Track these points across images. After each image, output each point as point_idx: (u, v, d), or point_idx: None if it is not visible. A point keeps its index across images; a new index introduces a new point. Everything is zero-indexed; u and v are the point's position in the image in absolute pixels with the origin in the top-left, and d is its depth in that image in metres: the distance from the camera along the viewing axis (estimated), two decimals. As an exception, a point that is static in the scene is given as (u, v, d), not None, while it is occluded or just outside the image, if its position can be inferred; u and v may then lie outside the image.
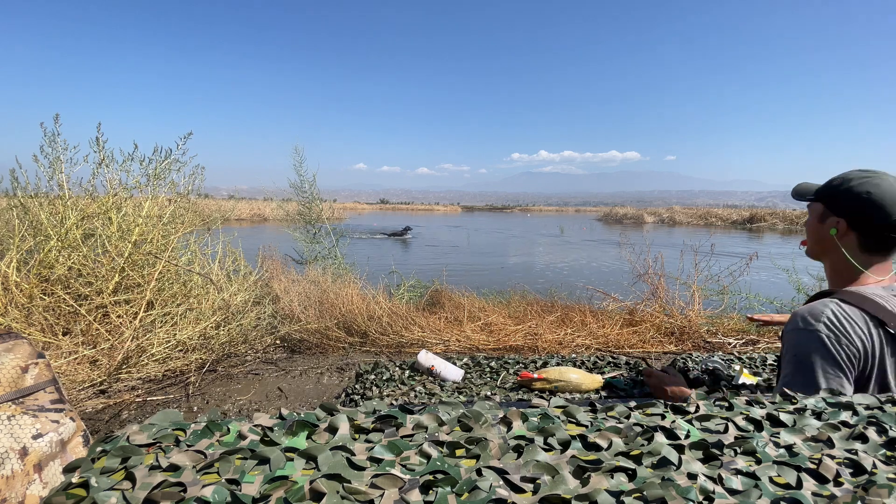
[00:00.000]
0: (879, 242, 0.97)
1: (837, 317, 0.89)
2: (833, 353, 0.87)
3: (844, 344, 0.87)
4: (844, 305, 0.91)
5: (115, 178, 3.20)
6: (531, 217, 62.18)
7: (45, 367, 1.22)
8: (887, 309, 0.89)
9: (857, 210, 0.97)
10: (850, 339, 0.87)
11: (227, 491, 0.38)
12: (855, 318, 0.89)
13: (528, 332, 3.68)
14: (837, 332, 0.88)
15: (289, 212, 6.55)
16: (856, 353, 0.87)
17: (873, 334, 0.88)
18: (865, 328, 0.88)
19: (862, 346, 0.87)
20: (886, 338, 0.88)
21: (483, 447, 0.46)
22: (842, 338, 0.87)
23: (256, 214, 30.09)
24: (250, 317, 3.40)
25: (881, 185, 0.94)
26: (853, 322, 0.88)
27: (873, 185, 0.94)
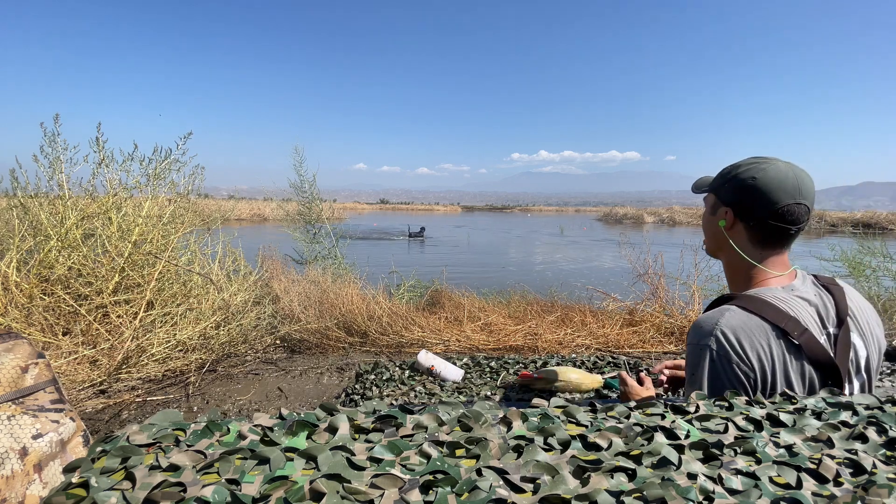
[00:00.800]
0: (768, 233, 0.87)
1: (733, 330, 0.79)
2: (720, 374, 0.79)
3: (735, 363, 0.78)
4: (742, 315, 0.81)
5: (115, 178, 3.20)
6: (531, 217, 62.16)
7: (45, 367, 1.22)
8: (789, 315, 0.80)
9: (742, 197, 0.88)
10: (744, 357, 0.78)
11: (227, 491, 0.38)
12: (753, 329, 0.79)
13: (528, 332, 3.68)
14: (729, 350, 0.79)
15: (289, 212, 6.55)
16: (749, 373, 0.78)
17: (773, 347, 0.78)
18: (765, 342, 0.78)
19: (759, 363, 0.78)
20: (789, 348, 0.78)
21: (483, 447, 0.46)
22: (733, 356, 0.78)
23: (256, 214, 30.10)
24: (250, 317, 3.39)
25: (768, 170, 0.85)
26: (751, 335, 0.79)
27: (760, 170, 0.86)
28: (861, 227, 25.55)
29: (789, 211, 0.84)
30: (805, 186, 0.84)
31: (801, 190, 0.84)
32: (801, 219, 0.85)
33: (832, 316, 0.84)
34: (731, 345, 0.79)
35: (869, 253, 4.56)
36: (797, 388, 0.79)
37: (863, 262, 4.48)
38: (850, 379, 0.83)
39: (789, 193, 0.83)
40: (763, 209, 0.85)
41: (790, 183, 0.84)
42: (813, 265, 4.76)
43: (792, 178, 0.84)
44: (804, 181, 0.85)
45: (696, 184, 1.03)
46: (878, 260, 4.47)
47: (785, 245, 0.89)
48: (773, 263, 0.89)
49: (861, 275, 4.37)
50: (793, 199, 0.83)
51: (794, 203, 0.83)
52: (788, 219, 0.85)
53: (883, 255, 4.48)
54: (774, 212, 0.84)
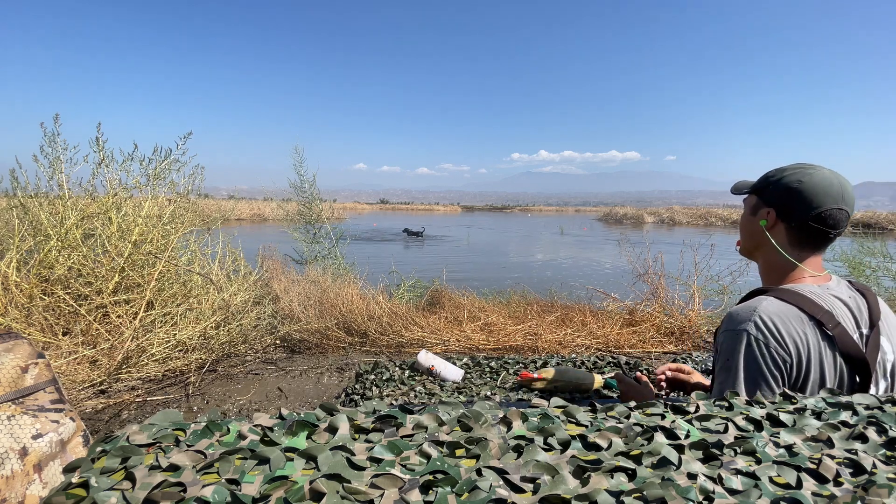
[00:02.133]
0: (808, 235, 0.91)
1: (770, 316, 0.82)
2: (758, 357, 0.81)
3: (773, 347, 0.80)
4: (779, 303, 0.84)
5: (114, 178, 3.20)
6: (531, 217, 62.20)
7: (45, 367, 1.22)
8: (824, 309, 0.83)
9: (787, 199, 0.91)
10: (782, 342, 0.80)
11: (227, 491, 0.38)
12: (791, 317, 0.82)
13: (528, 332, 3.68)
14: (767, 334, 0.81)
15: (289, 212, 6.55)
16: (786, 358, 0.80)
17: (809, 335, 0.81)
18: (801, 329, 0.81)
19: (795, 349, 0.80)
20: (823, 338, 0.81)
21: (483, 447, 0.46)
22: (771, 340, 0.81)
23: (256, 214, 30.10)
24: (250, 317, 3.39)
25: (814, 175, 0.89)
26: (788, 322, 0.82)
27: (806, 174, 0.90)
28: (861, 227, 25.59)
29: (831, 215, 0.88)
30: (847, 194, 0.88)
31: (843, 196, 0.88)
32: (841, 224, 0.89)
33: (865, 318, 0.87)
34: (769, 329, 0.81)
35: (869, 253, 4.56)
36: (829, 379, 0.81)
37: (863, 263, 4.48)
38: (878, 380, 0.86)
39: (833, 198, 0.87)
40: (806, 211, 0.89)
41: (835, 189, 0.87)
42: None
43: (837, 184, 0.88)
44: (847, 189, 0.89)
45: (735, 186, 1.06)
46: (879, 260, 4.47)
47: (821, 248, 0.93)
48: (809, 264, 0.93)
49: (861, 275, 4.37)
50: (836, 205, 0.87)
51: (837, 208, 0.87)
52: (829, 223, 0.88)
53: (883, 255, 4.48)
54: (817, 215, 0.88)
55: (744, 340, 0.83)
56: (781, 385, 0.81)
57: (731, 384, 0.84)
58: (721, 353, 0.87)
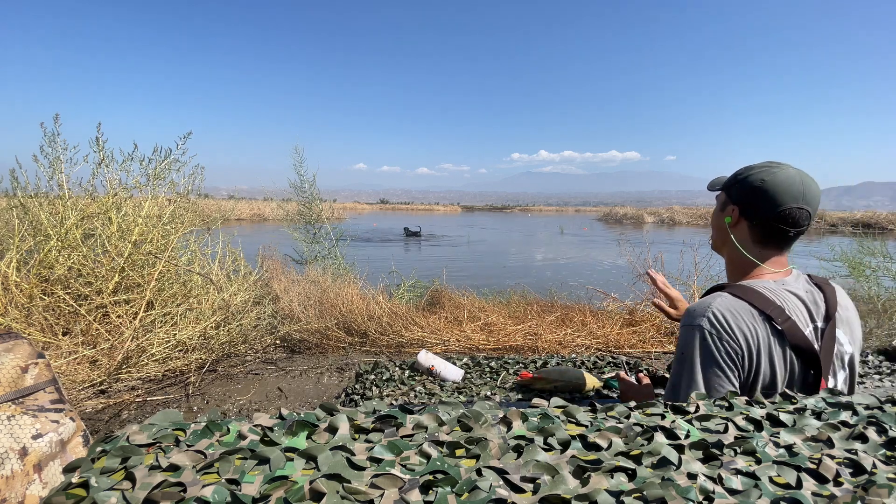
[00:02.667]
0: (769, 234, 0.93)
1: (722, 312, 0.85)
2: (713, 350, 0.84)
3: (725, 341, 0.84)
4: (732, 299, 0.87)
5: (114, 178, 3.20)
6: (531, 217, 62.18)
7: (45, 367, 1.22)
8: (775, 304, 0.86)
9: (750, 198, 0.94)
10: (732, 335, 0.84)
11: (227, 491, 0.38)
12: (742, 312, 0.85)
13: (528, 332, 3.68)
14: (720, 329, 0.84)
15: (289, 212, 6.55)
16: (738, 351, 0.84)
17: (758, 330, 0.84)
18: (751, 323, 0.84)
19: (745, 342, 0.84)
20: (773, 333, 0.84)
21: (483, 447, 0.46)
22: (724, 334, 0.84)
23: (256, 214, 30.09)
24: (250, 317, 3.39)
25: (777, 174, 0.90)
26: (738, 316, 0.85)
27: (770, 173, 0.91)
28: (861, 227, 25.57)
29: (791, 214, 0.89)
30: (810, 193, 0.89)
31: (805, 195, 0.89)
32: (802, 223, 0.91)
33: (822, 311, 0.90)
34: (720, 324, 0.85)
35: (869, 253, 4.56)
36: (779, 372, 0.85)
37: (863, 263, 4.48)
38: (836, 371, 0.90)
39: (794, 197, 0.88)
40: (767, 210, 0.91)
41: (796, 188, 0.89)
42: (813, 265, 4.76)
43: (798, 183, 0.89)
44: (810, 188, 0.90)
45: (711, 182, 1.08)
46: (878, 260, 4.47)
47: (784, 246, 0.95)
48: (771, 263, 0.95)
49: (861, 275, 4.37)
50: (795, 204, 0.89)
51: (797, 207, 0.89)
52: (789, 221, 0.90)
53: (883, 255, 4.47)
54: (777, 214, 0.90)
55: (698, 335, 0.86)
56: (735, 377, 0.85)
57: (688, 376, 0.87)
58: (678, 347, 0.91)
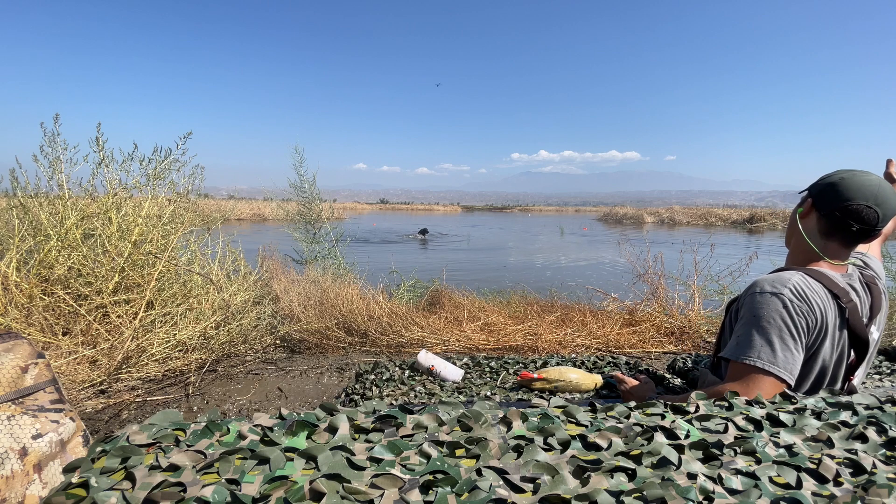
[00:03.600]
0: (834, 225, 0.99)
1: (802, 287, 0.93)
2: (794, 318, 0.91)
3: (805, 311, 0.91)
4: (809, 278, 0.95)
5: (114, 177, 3.20)
6: (531, 217, 62.20)
7: (45, 367, 1.22)
8: (841, 286, 0.95)
9: (825, 191, 1.00)
10: (812, 308, 0.91)
11: (227, 491, 0.38)
12: (816, 289, 0.94)
13: (527, 332, 3.68)
14: (800, 299, 0.92)
15: (288, 212, 6.55)
16: (813, 323, 0.92)
17: (829, 307, 0.92)
18: (825, 300, 0.93)
19: (821, 315, 0.92)
20: (839, 312, 0.93)
21: (483, 447, 0.46)
22: (804, 305, 0.91)
23: (256, 214, 30.09)
24: (250, 317, 3.39)
25: (858, 175, 0.97)
26: (815, 292, 0.93)
27: (851, 173, 0.98)
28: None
29: (857, 210, 0.95)
30: (884, 196, 0.94)
31: (877, 197, 0.94)
32: (868, 221, 0.95)
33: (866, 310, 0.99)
34: (801, 295, 0.92)
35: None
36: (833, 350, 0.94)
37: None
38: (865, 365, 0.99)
39: (864, 196, 0.94)
40: (836, 202, 0.97)
41: (870, 189, 0.94)
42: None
43: (875, 186, 0.95)
44: (886, 193, 0.95)
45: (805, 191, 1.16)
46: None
47: (847, 241, 1.00)
48: (833, 254, 1.01)
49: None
50: (865, 202, 0.94)
51: (866, 205, 0.94)
52: (854, 216, 0.95)
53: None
54: (844, 207, 0.96)
55: (780, 302, 0.92)
56: (802, 346, 0.92)
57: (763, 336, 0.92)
58: (748, 311, 0.96)
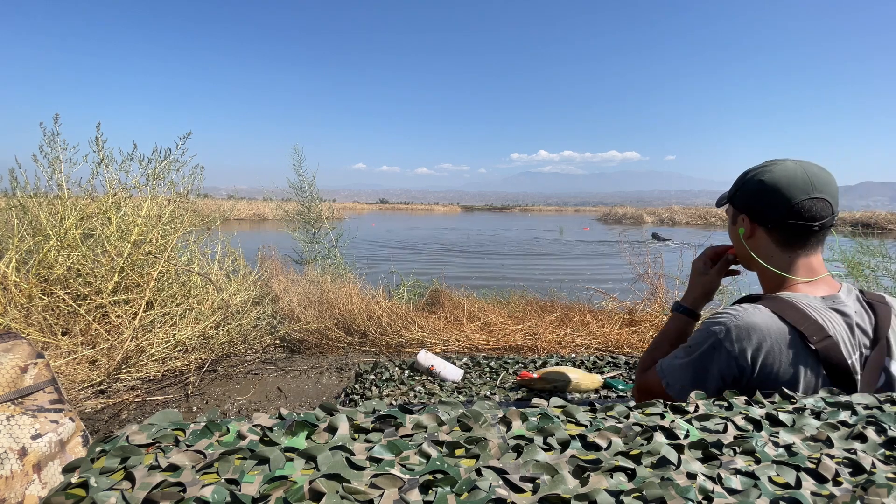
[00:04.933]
0: (790, 234, 0.84)
1: (744, 329, 0.78)
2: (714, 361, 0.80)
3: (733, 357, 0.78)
4: (766, 315, 0.79)
5: (114, 177, 3.20)
6: (531, 217, 62.20)
7: (45, 368, 1.22)
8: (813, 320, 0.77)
9: (755, 201, 0.87)
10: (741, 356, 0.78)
11: (227, 491, 0.38)
12: (769, 330, 0.77)
13: (527, 331, 3.68)
14: (732, 344, 0.78)
15: (288, 212, 6.55)
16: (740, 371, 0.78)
17: (784, 350, 0.76)
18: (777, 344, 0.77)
19: (752, 363, 0.77)
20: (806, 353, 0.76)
21: (482, 447, 0.46)
22: (735, 350, 0.78)
23: (256, 214, 30.11)
24: (250, 317, 3.39)
25: (774, 170, 0.84)
26: (763, 336, 0.77)
27: (766, 171, 0.85)
28: (860, 226, 25.62)
29: (805, 207, 0.81)
30: (819, 180, 0.82)
31: (813, 184, 0.81)
32: (823, 214, 0.82)
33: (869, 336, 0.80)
34: (733, 341, 0.78)
35: (868, 252, 4.56)
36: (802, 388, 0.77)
37: (861, 262, 4.48)
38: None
39: (801, 189, 0.81)
40: (777, 209, 0.83)
41: (799, 179, 0.82)
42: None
43: (801, 174, 0.82)
44: (817, 176, 0.82)
45: (718, 199, 1.00)
46: (877, 260, 4.47)
47: (811, 245, 0.85)
48: (804, 267, 0.86)
49: (860, 275, 4.37)
50: (806, 195, 0.81)
51: (809, 198, 0.81)
52: (807, 215, 0.82)
53: (882, 254, 4.48)
54: (789, 210, 0.82)
55: (710, 341, 0.81)
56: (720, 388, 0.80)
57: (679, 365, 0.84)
58: (692, 337, 0.86)
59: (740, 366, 0.78)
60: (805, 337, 0.76)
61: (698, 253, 1.15)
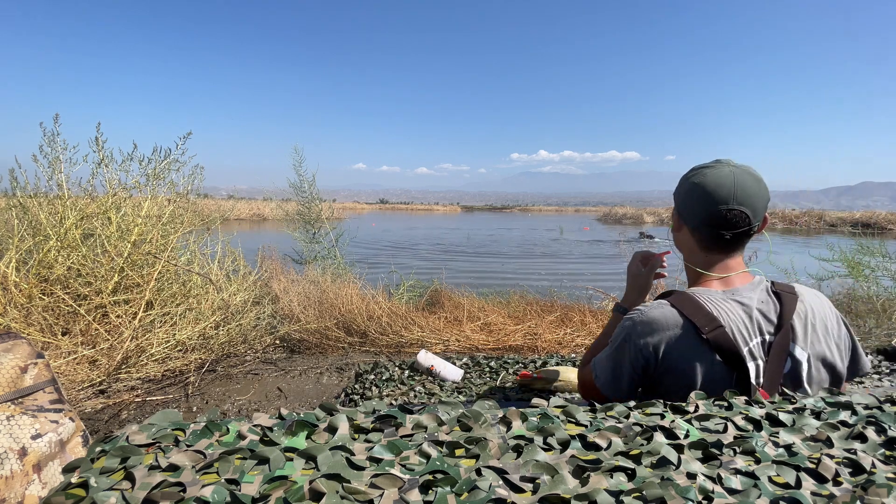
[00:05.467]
0: (706, 238, 0.89)
1: (647, 320, 0.85)
2: (627, 349, 0.87)
3: (639, 347, 0.85)
4: (665, 309, 0.86)
5: (114, 177, 3.20)
6: (531, 217, 62.17)
7: (45, 368, 1.22)
8: (707, 313, 0.83)
9: (684, 202, 0.91)
10: (646, 343, 0.84)
11: (227, 491, 0.38)
12: (666, 322, 0.84)
13: (527, 331, 3.68)
14: (639, 333, 0.85)
15: (288, 212, 6.55)
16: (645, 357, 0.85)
17: (680, 339, 0.82)
18: (671, 334, 0.83)
19: (654, 351, 0.84)
20: (699, 342, 0.82)
21: (482, 447, 0.46)
22: (639, 341, 0.85)
23: (256, 214, 30.12)
24: (250, 317, 3.39)
25: (708, 175, 0.86)
26: (660, 325, 0.84)
27: (701, 174, 0.87)
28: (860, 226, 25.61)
29: (720, 216, 0.84)
30: (743, 192, 0.84)
31: (736, 196, 0.83)
32: (738, 224, 0.85)
33: (773, 321, 0.84)
34: (639, 330, 0.86)
35: (867, 252, 4.56)
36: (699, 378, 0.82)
37: (861, 262, 4.48)
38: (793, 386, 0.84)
39: (722, 199, 0.84)
40: (698, 214, 0.88)
41: (725, 189, 0.84)
42: (812, 265, 4.76)
43: (729, 184, 0.84)
44: (745, 187, 0.84)
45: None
46: (877, 260, 4.47)
47: (728, 249, 0.89)
48: (719, 266, 0.90)
49: (860, 275, 4.37)
50: (725, 205, 0.84)
51: (727, 209, 0.84)
52: (721, 224, 0.85)
53: (882, 254, 4.47)
54: (706, 217, 0.86)
55: (622, 335, 0.88)
56: (634, 377, 0.88)
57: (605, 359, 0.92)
58: (613, 333, 0.93)
59: (645, 356, 0.85)
60: (697, 328, 0.82)
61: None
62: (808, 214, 33.31)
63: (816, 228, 28.89)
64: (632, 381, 0.88)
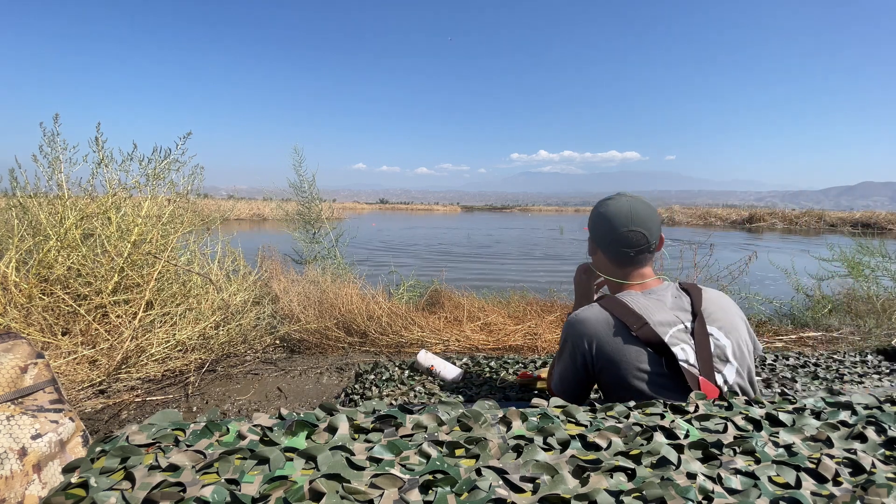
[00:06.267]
0: (616, 256, 1.07)
1: (582, 320, 1.00)
2: (569, 347, 1.02)
3: (578, 343, 0.99)
4: (595, 310, 1.01)
5: (114, 177, 3.20)
6: (531, 217, 62.18)
7: (45, 367, 1.22)
8: (634, 313, 0.97)
9: (594, 229, 1.12)
10: (581, 341, 0.99)
11: (227, 491, 0.38)
12: (599, 321, 0.98)
13: (527, 331, 3.68)
14: (576, 333, 1.00)
15: (288, 212, 6.54)
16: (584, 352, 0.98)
17: (611, 336, 0.96)
18: (604, 331, 0.97)
19: (589, 346, 0.98)
20: (628, 337, 0.95)
21: (482, 447, 0.46)
22: (577, 339, 0.99)
23: (256, 214, 30.10)
24: (250, 317, 3.39)
25: (610, 205, 1.06)
26: (595, 325, 0.98)
27: (604, 205, 1.07)
28: (860, 226, 25.59)
29: (623, 237, 1.04)
30: (638, 216, 1.04)
31: (633, 220, 1.03)
32: (639, 243, 1.04)
33: (689, 312, 1.01)
34: (577, 329, 1.01)
35: (867, 252, 4.56)
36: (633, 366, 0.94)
37: (861, 262, 4.48)
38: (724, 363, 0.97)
39: (622, 223, 1.04)
40: (606, 237, 1.08)
41: (623, 215, 1.04)
42: (812, 265, 4.77)
43: (626, 210, 1.04)
44: (638, 212, 1.04)
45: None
46: (877, 260, 4.47)
47: (638, 262, 1.07)
48: (636, 275, 1.08)
49: (860, 275, 4.37)
50: (626, 228, 1.03)
51: (628, 230, 1.03)
52: (624, 243, 1.05)
53: (881, 254, 4.48)
54: (612, 238, 1.06)
55: (564, 336, 1.05)
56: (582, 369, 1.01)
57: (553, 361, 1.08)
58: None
59: (582, 353, 0.99)
60: (627, 326, 0.96)
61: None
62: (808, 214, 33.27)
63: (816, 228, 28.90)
64: (577, 381, 1.02)
